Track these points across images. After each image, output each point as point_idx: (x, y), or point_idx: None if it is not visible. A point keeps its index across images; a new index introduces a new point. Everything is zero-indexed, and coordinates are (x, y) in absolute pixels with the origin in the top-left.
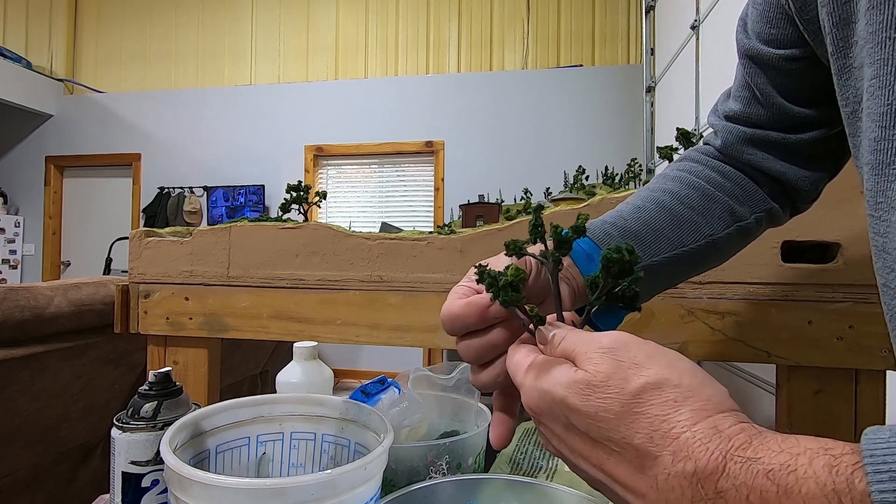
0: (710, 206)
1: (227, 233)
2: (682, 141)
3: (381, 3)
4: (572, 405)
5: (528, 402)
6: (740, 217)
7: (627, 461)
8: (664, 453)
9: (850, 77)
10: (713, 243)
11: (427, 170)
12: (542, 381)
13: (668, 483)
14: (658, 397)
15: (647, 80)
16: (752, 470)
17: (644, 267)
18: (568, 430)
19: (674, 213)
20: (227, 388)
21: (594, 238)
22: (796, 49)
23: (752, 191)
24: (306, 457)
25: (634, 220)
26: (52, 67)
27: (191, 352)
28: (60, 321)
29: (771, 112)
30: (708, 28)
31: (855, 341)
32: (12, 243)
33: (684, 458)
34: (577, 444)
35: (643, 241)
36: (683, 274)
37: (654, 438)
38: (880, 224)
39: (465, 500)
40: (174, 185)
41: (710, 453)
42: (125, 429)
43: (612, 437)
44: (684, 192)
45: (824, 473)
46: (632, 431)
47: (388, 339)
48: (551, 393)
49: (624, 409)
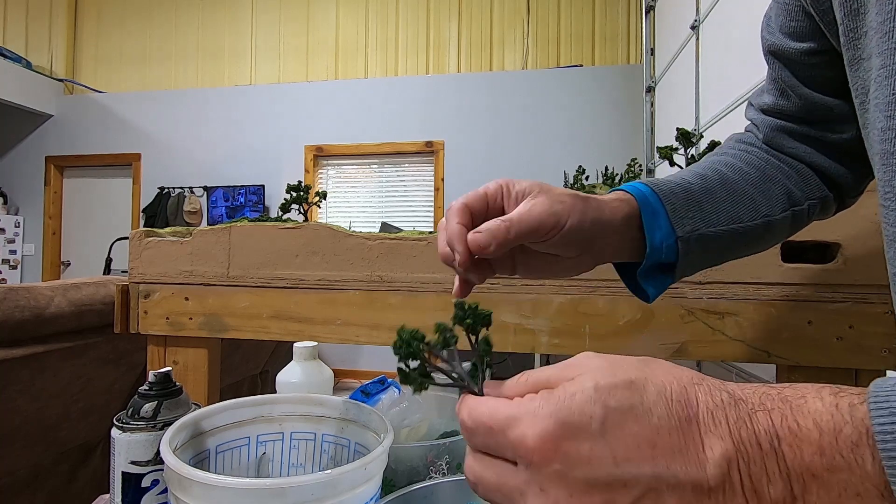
0: (769, 187)
1: (227, 233)
2: (682, 141)
3: (381, 3)
4: (628, 404)
5: (539, 433)
6: (796, 201)
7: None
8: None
9: (859, 67)
10: (768, 224)
11: (427, 170)
12: (555, 401)
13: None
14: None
15: (647, 80)
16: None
17: (699, 236)
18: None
19: (734, 188)
20: (227, 388)
21: (660, 193)
22: (815, 42)
23: (809, 176)
24: (306, 457)
25: (698, 185)
26: (52, 67)
27: (191, 352)
28: (60, 321)
29: (801, 102)
30: (708, 28)
31: (855, 341)
32: (12, 243)
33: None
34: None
35: (702, 209)
36: (733, 252)
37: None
38: (890, 213)
39: (465, 500)
40: (174, 185)
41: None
42: (125, 429)
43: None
44: (745, 168)
45: (830, 398)
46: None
47: (388, 339)
48: (579, 406)
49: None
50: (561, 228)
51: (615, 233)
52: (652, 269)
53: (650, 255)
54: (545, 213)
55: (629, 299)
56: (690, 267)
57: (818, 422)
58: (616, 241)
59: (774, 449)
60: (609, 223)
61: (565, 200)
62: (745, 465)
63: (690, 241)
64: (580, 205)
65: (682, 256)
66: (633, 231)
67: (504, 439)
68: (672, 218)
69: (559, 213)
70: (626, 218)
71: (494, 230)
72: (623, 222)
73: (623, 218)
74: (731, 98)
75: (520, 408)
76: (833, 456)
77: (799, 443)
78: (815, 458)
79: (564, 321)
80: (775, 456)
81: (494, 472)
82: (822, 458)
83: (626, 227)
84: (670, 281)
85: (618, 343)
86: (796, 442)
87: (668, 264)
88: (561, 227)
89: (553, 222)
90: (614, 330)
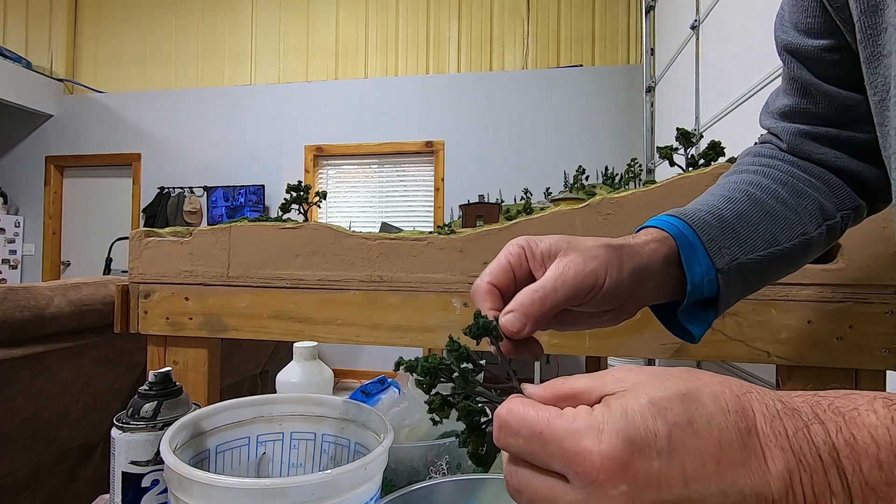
0: (801, 203)
1: (227, 233)
2: (682, 141)
3: (381, 3)
4: (689, 419)
5: (607, 451)
6: (829, 215)
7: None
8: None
9: (878, 65)
10: (806, 242)
11: (427, 170)
12: (618, 416)
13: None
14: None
15: (647, 80)
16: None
17: (738, 266)
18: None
19: (766, 208)
20: (227, 388)
21: (694, 226)
22: (832, 39)
23: (838, 186)
24: (306, 457)
25: (729, 211)
26: (52, 67)
27: (191, 352)
28: (60, 321)
29: (825, 101)
30: (708, 28)
31: (855, 341)
32: (12, 243)
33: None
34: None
35: (738, 235)
36: (772, 275)
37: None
38: None
39: (465, 500)
40: (174, 185)
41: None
42: (125, 429)
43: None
44: (774, 186)
45: (883, 411)
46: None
47: (388, 339)
48: (643, 423)
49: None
50: (601, 288)
51: (656, 277)
52: (692, 307)
53: (691, 293)
54: (581, 276)
55: None
56: (732, 297)
57: (874, 435)
58: (657, 283)
59: (835, 462)
60: (648, 269)
61: (599, 255)
62: (807, 478)
63: (730, 273)
64: (615, 257)
65: (724, 289)
66: (672, 270)
67: (558, 450)
68: (710, 250)
69: (597, 272)
70: (664, 259)
71: (528, 307)
72: (663, 264)
73: (662, 260)
74: (731, 98)
75: (578, 420)
76: (891, 470)
77: (857, 456)
78: (874, 472)
79: None
80: (836, 469)
81: (545, 485)
82: (881, 473)
83: (666, 267)
84: (713, 317)
85: (618, 343)
86: (854, 455)
87: (709, 299)
88: (600, 287)
89: (591, 283)
90: (614, 330)
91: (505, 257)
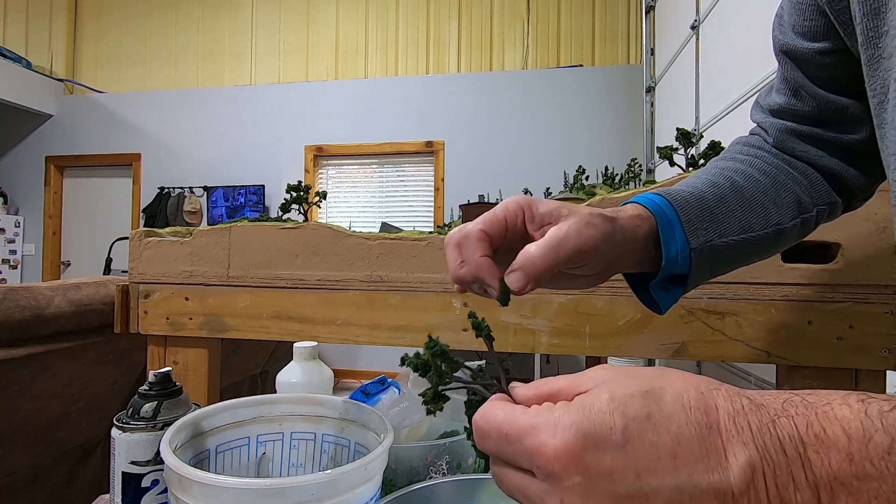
0: (779, 194)
1: (227, 233)
2: (682, 141)
3: (381, 3)
4: (646, 413)
5: (560, 444)
6: (805, 208)
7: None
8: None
9: (879, 67)
10: (778, 232)
11: (427, 170)
12: (575, 411)
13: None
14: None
15: (647, 80)
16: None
17: (711, 248)
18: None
19: (745, 196)
20: (227, 388)
21: (675, 203)
22: (829, 42)
23: (818, 181)
24: (306, 457)
25: (711, 194)
26: (52, 67)
27: (191, 352)
28: (60, 321)
29: (815, 102)
30: (708, 28)
31: (855, 341)
32: (12, 243)
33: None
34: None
35: (715, 218)
36: (742, 260)
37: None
38: None
39: (465, 500)
40: (174, 185)
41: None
42: (125, 429)
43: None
44: (757, 176)
45: (857, 405)
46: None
47: (388, 339)
48: (599, 417)
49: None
50: (595, 254)
51: (636, 250)
52: (664, 281)
53: (666, 267)
54: (582, 240)
55: (629, 299)
56: (701, 277)
57: (846, 428)
58: (635, 256)
59: (800, 455)
60: (631, 241)
61: (597, 224)
62: (770, 472)
63: (703, 253)
64: (609, 227)
65: (695, 267)
66: (651, 245)
67: (521, 447)
68: (686, 229)
69: (595, 238)
70: (645, 235)
71: (530, 268)
72: (643, 239)
73: (643, 235)
74: (731, 98)
75: (538, 417)
76: (863, 464)
77: (826, 450)
78: (844, 465)
79: (564, 321)
80: (801, 463)
81: (518, 480)
82: (851, 466)
83: (645, 242)
84: (681, 292)
85: (618, 343)
86: (823, 449)
87: (681, 275)
88: (595, 253)
89: (590, 248)
90: (614, 330)
91: (502, 212)
